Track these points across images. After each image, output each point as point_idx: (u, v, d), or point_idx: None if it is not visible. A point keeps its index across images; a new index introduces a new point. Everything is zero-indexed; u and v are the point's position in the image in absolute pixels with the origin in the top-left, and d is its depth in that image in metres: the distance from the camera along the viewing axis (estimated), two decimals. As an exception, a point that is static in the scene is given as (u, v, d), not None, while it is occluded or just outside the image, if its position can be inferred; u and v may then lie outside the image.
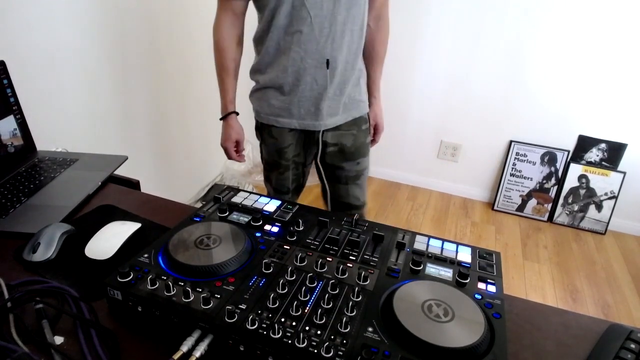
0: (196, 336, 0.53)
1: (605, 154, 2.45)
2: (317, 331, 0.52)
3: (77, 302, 0.62)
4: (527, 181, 2.61)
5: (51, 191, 0.91)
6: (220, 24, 1.20)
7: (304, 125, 1.25)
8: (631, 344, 0.59)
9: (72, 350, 0.55)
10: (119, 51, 1.67)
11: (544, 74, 2.38)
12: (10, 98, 0.99)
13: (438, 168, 2.81)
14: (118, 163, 1.03)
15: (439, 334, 0.52)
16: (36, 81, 1.35)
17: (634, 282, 2.17)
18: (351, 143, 1.32)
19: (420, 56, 2.54)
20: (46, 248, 0.72)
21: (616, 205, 2.48)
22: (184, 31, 2.02)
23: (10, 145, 0.99)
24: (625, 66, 2.24)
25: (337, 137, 1.30)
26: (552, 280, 2.14)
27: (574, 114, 2.42)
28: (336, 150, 1.31)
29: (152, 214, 0.87)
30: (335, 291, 0.59)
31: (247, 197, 0.83)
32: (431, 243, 0.72)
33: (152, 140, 1.98)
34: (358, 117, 1.32)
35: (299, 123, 1.24)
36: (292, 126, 1.25)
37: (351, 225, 0.75)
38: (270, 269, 0.62)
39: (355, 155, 1.34)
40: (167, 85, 2.00)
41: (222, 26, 1.20)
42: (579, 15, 2.21)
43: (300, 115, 1.23)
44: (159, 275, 0.60)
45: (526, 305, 0.69)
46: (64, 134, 1.47)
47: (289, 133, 1.27)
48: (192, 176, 2.40)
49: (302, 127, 1.25)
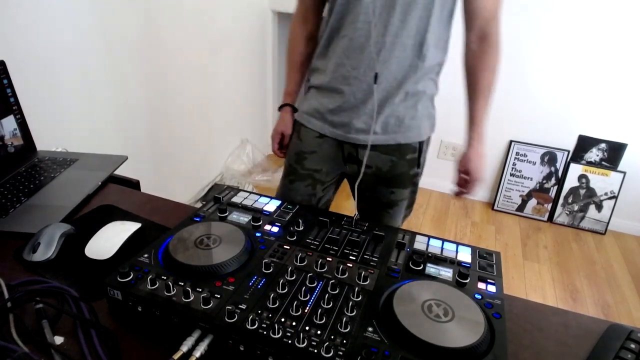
0: (196, 336, 0.53)
1: (605, 154, 2.45)
2: (317, 331, 0.52)
3: (77, 302, 0.62)
4: (527, 181, 2.61)
5: (51, 191, 0.91)
6: (294, 17, 1.19)
7: (335, 134, 1.12)
8: (631, 344, 0.59)
9: (72, 350, 0.55)
10: (119, 51, 1.67)
11: (544, 74, 2.38)
12: (10, 98, 0.99)
13: (438, 168, 2.81)
14: (118, 163, 1.03)
15: (439, 334, 0.52)
16: (36, 81, 1.35)
17: (634, 282, 2.17)
18: (387, 169, 1.15)
19: (420, 56, 2.54)
20: (46, 248, 0.72)
21: (616, 205, 2.48)
22: (184, 31, 2.02)
23: (10, 145, 0.99)
24: (625, 66, 2.24)
25: (373, 159, 1.13)
26: (552, 280, 2.14)
27: (574, 114, 2.42)
28: (370, 172, 1.15)
29: (152, 214, 0.87)
30: (335, 291, 0.59)
31: (247, 197, 0.83)
32: (431, 243, 0.72)
33: (152, 140, 1.98)
34: (403, 143, 1.13)
35: (330, 131, 1.12)
36: (323, 131, 1.13)
37: (351, 225, 0.75)
38: (270, 269, 0.62)
39: (390, 182, 1.17)
40: (168, 85, 2.00)
41: (294, 19, 1.19)
42: (579, 15, 2.21)
43: (333, 123, 1.11)
44: (159, 275, 0.60)
45: (526, 305, 0.69)
46: (64, 134, 1.47)
47: (316, 139, 1.14)
48: (192, 176, 2.40)
49: (333, 136, 1.12)
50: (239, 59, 2.55)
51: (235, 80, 2.55)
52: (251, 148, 2.82)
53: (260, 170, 2.81)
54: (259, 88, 2.87)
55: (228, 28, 2.37)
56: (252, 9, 2.57)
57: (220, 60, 2.36)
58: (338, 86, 1.07)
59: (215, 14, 2.23)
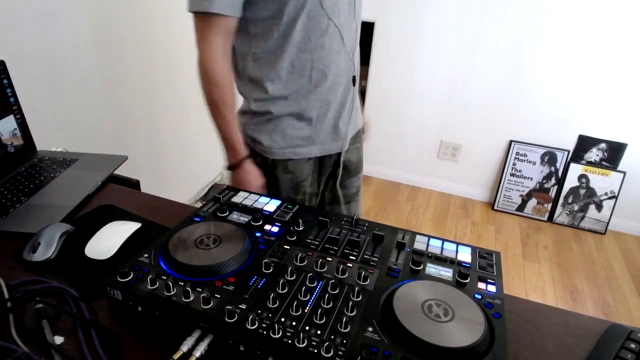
0: (196, 336, 0.53)
1: (605, 153, 2.45)
2: (317, 331, 0.52)
3: (77, 302, 0.62)
4: (527, 181, 2.61)
5: (51, 191, 0.91)
6: (214, 50, 0.91)
7: (324, 150, 1.08)
8: (631, 344, 0.59)
9: (72, 350, 0.55)
10: (119, 51, 1.67)
11: (544, 74, 2.38)
12: (10, 98, 0.99)
13: (438, 168, 2.81)
14: (118, 163, 1.03)
15: (439, 334, 0.52)
16: (36, 81, 1.35)
17: (634, 282, 2.17)
18: (355, 157, 1.18)
19: (420, 56, 2.54)
20: (46, 248, 0.72)
21: (616, 205, 2.48)
22: (183, 31, 2.01)
23: (10, 145, 0.99)
24: (625, 66, 2.24)
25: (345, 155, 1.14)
26: (552, 280, 2.14)
27: (574, 114, 2.42)
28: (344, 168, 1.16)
29: (152, 214, 0.87)
30: (335, 291, 0.59)
31: (247, 197, 0.83)
32: (431, 243, 0.72)
33: (152, 140, 1.98)
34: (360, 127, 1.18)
35: (319, 149, 1.07)
36: (311, 155, 1.07)
37: (351, 225, 0.75)
38: (270, 269, 0.62)
39: (358, 169, 1.21)
40: (168, 85, 2.00)
41: (217, 53, 0.91)
42: (579, 15, 2.21)
43: (321, 140, 1.06)
44: (159, 275, 0.60)
45: (526, 305, 0.69)
46: (64, 134, 1.47)
47: (307, 163, 1.09)
48: (192, 176, 2.40)
49: (323, 153, 1.09)
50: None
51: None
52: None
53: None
54: (259, 88, 2.87)
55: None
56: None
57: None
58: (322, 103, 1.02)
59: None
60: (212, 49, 0.90)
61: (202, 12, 0.87)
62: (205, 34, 0.90)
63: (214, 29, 0.89)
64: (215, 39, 0.90)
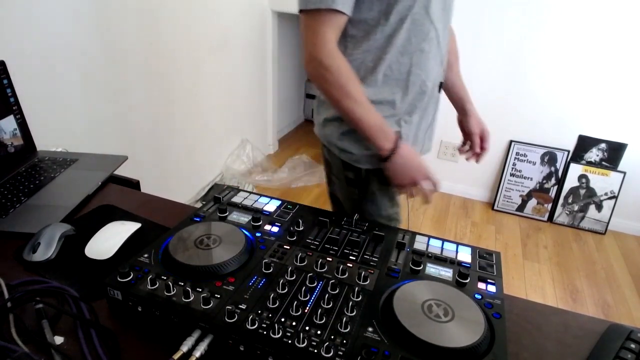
0: (196, 336, 0.53)
1: (605, 153, 2.45)
2: (317, 331, 0.52)
3: (77, 302, 0.62)
4: (527, 181, 2.61)
5: (51, 191, 0.91)
6: (331, 43, 0.87)
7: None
8: (631, 344, 0.59)
9: (72, 350, 0.55)
10: (119, 51, 1.67)
11: (544, 74, 2.38)
12: (10, 98, 0.99)
13: (438, 168, 2.80)
14: (118, 163, 1.03)
15: (439, 334, 0.52)
16: (36, 81, 1.35)
17: (634, 282, 2.17)
18: None
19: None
20: (46, 248, 0.72)
21: (616, 205, 2.48)
22: (184, 31, 2.02)
23: (10, 145, 0.99)
24: (625, 66, 2.24)
25: None
26: (552, 280, 2.14)
27: (574, 114, 2.42)
28: None
29: (152, 214, 0.87)
30: (335, 291, 0.59)
31: (247, 197, 0.83)
32: (431, 243, 0.72)
33: (152, 140, 1.98)
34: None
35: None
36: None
37: (351, 225, 0.75)
38: (270, 269, 0.62)
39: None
40: (167, 85, 2.00)
41: (334, 46, 0.88)
42: (579, 15, 2.21)
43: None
44: (159, 275, 0.60)
45: (526, 305, 0.69)
46: (64, 134, 1.47)
47: None
48: (192, 176, 2.40)
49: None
50: (239, 59, 2.55)
51: (235, 80, 2.55)
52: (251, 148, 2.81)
53: (260, 170, 2.81)
54: (259, 88, 2.87)
55: (228, 28, 2.37)
56: (252, 9, 2.57)
57: (220, 60, 2.36)
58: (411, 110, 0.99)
59: (215, 14, 2.23)
60: (329, 42, 0.87)
61: (323, 8, 0.84)
62: (320, 31, 0.87)
63: (329, 26, 0.86)
64: (330, 33, 0.87)
